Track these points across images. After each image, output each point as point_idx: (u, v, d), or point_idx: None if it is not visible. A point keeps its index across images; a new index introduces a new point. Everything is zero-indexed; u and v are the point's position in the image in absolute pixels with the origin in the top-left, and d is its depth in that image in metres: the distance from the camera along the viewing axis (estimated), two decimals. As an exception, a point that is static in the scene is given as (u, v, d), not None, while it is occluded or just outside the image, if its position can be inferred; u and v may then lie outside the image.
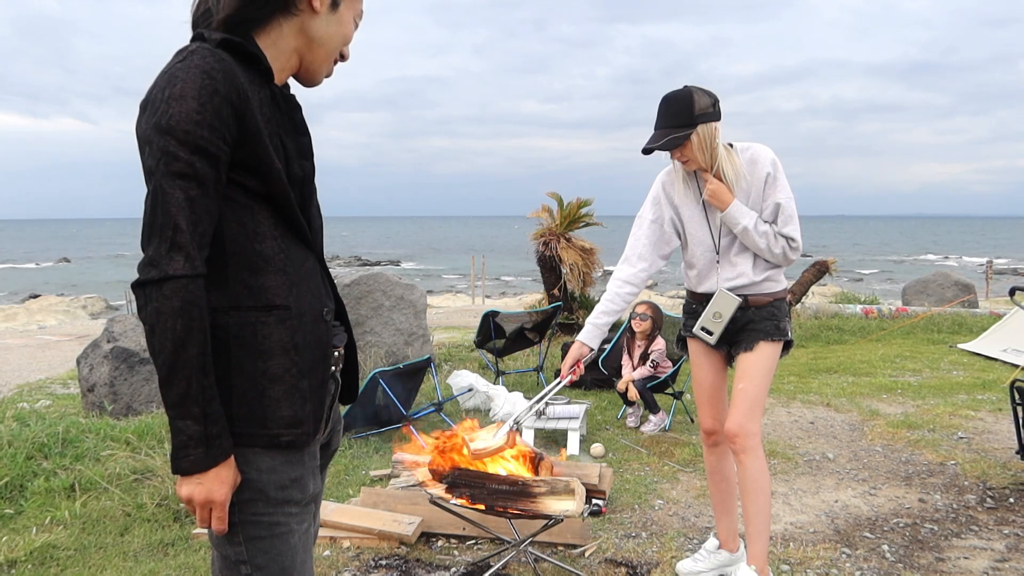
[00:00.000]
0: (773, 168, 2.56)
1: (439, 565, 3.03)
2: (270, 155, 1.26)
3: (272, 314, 1.28)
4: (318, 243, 1.41)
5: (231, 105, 1.20)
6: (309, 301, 1.33)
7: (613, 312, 2.73)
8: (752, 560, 2.63)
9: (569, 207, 8.77)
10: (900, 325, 9.52)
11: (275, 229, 1.30)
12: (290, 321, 1.29)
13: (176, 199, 1.17)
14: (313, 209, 1.41)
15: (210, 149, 1.19)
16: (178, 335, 1.17)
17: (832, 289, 16.21)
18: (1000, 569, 2.98)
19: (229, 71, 1.21)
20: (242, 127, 1.23)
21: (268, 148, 1.25)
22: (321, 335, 1.35)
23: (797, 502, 3.75)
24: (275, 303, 1.28)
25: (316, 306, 1.35)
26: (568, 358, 2.70)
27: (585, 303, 8.70)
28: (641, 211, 2.77)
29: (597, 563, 3.04)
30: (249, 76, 1.27)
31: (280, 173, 1.27)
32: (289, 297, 1.30)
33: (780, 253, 2.57)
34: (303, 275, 1.33)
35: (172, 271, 1.16)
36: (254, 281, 1.27)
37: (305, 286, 1.33)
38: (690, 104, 2.46)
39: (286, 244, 1.31)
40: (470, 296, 20.52)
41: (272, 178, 1.27)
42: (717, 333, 2.64)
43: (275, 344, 1.28)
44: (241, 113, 1.22)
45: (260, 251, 1.28)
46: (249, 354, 1.26)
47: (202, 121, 1.18)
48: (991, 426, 5.02)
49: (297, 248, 1.33)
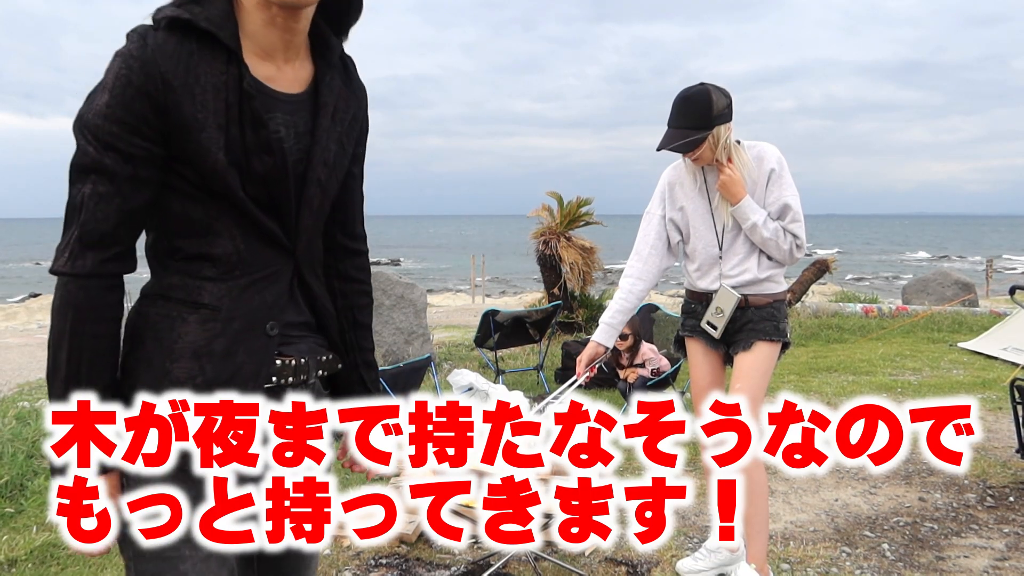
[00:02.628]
0: (778, 166, 2.56)
1: (439, 564, 3.03)
2: (204, 149, 1.13)
3: (197, 312, 1.17)
4: (301, 249, 1.27)
5: (147, 97, 1.10)
6: (251, 308, 1.20)
7: (627, 310, 2.73)
8: (752, 559, 2.63)
9: (569, 206, 8.77)
10: (900, 324, 9.52)
11: (235, 228, 1.18)
12: (212, 324, 1.17)
13: (79, 196, 1.11)
14: (299, 210, 1.25)
15: (119, 145, 1.10)
16: (54, 335, 1.12)
17: (832, 288, 16.22)
18: (1000, 568, 2.98)
19: (149, 59, 1.10)
20: (164, 119, 1.11)
21: (201, 142, 1.13)
22: (254, 349, 1.20)
23: (797, 501, 3.75)
24: (202, 301, 1.18)
25: (258, 316, 1.21)
26: (584, 357, 2.70)
27: (585, 302, 8.70)
28: (649, 207, 2.77)
29: (597, 562, 3.04)
30: (201, 58, 1.14)
31: (220, 168, 1.14)
32: (224, 299, 1.18)
33: (787, 250, 2.57)
34: (257, 280, 1.21)
35: (58, 267, 1.12)
36: (193, 274, 1.18)
37: (254, 292, 1.20)
38: (708, 106, 2.45)
39: (247, 244, 1.19)
40: (470, 295, 20.53)
41: (208, 173, 1.14)
42: (721, 327, 2.64)
43: (187, 345, 1.16)
44: (161, 105, 1.10)
45: (209, 245, 1.18)
46: (160, 350, 1.17)
47: (111, 115, 1.10)
48: (991, 425, 5.01)
49: (263, 250, 1.21)
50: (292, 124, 1.22)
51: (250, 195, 1.18)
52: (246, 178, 1.17)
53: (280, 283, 1.24)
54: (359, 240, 1.48)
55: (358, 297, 1.46)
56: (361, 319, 1.47)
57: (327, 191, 1.29)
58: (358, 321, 1.46)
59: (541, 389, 6.34)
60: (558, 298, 8.39)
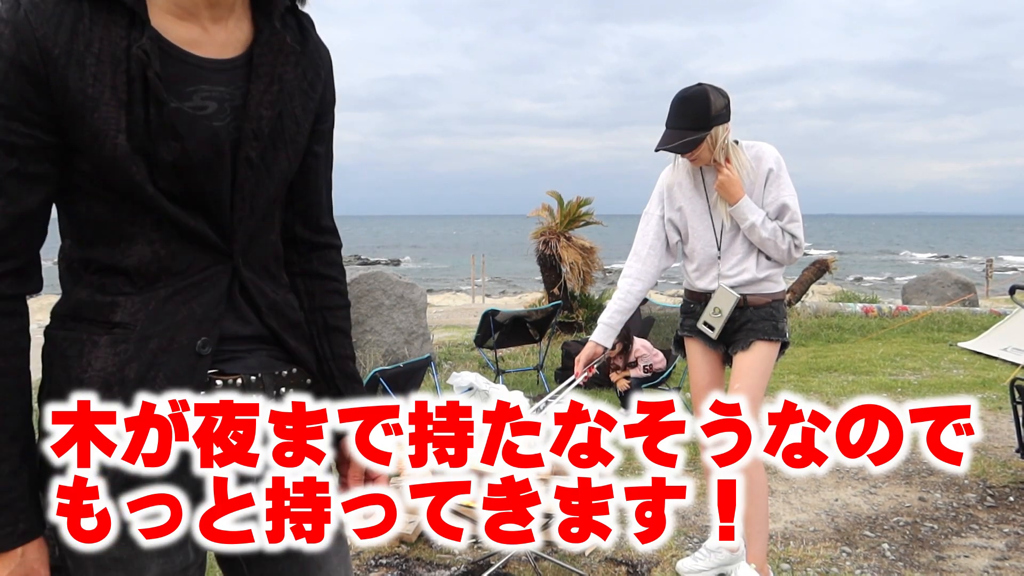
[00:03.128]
0: (776, 166, 2.56)
1: (439, 564, 3.04)
2: (99, 132, 0.92)
3: (110, 334, 0.98)
4: (240, 247, 1.06)
5: (22, 70, 0.89)
6: (172, 324, 1.00)
7: (626, 311, 2.73)
8: (752, 559, 2.63)
9: (569, 206, 8.78)
10: (900, 324, 9.52)
11: (152, 230, 0.98)
12: (124, 346, 0.97)
13: None
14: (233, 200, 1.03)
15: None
16: None
17: (832, 287, 16.22)
18: (1000, 567, 2.98)
19: (21, 22, 0.89)
20: (49, 99, 0.91)
21: (94, 123, 0.92)
22: (177, 371, 1.00)
23: (797, 501, 3.75)
24: (115, 319, 0.98)
25: (183, 332, 1.00)
26: (582, 357, 2.70)
27: (585, 302, 8.70)
28: (648, 207, 2.78)
29: (597, 562, 3.04)
30: (95, 19, 0.92)
31: (120, 156, 0.93)
32: (139, 314, 0.98)
33: (786, 250, 2.58)
34: (181, 289, 1.01)
35: None
36: (106, 289, 0.99)
37: (178, 303, 1.00)
38: (707, 107, 2.46)
39: (169, 249, 1.00)
40: (470, 295, 20.53)
41: (106, 163, 0.94)
42: (718, 328, 2.65)
43: (96, 374, 0.97)
44: (42, 79, 0.90)
45: (123, 253, 0.99)
46: (69, 381, 0.98)
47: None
48: (991, 424, 5.01)
49: (190, 254, 1.02)
50: (226, 97, 1.01)
51: (162, 189, 0.97)
52: (155, 168, 0.96)
53: (214, 290, 1.04)
54: (326, 233, 1.26)
55: (328, 297, 1.26)
56: (334, 322, 1.25)
57: (267, 173, 1.06)
58: (331, 325, 1.25)
59: (541, 389, 6.34)
60: (558, 298, 8.39)
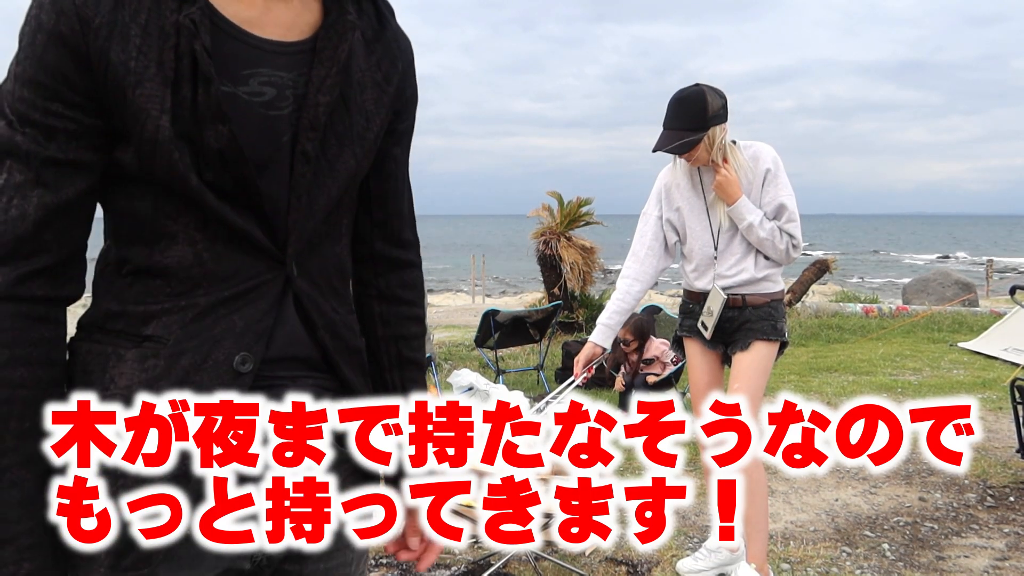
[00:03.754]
0: (774, 166, 2.56)
1: (439, 564, 3.04)
2: (140, 111, 0.81)
3: (139, 347, 0.86)
4: (295, 254, 0.92)
5: (61, 42, 0.78)
6: (209, 337, 0.87)
7: (624, 311, 2.74)
8: (752, 559, 2.63)
9: (569, 206, 8.79)
10: (900, 324, 9.53)
11: (196, 228, 0.86)
12: (154, 361, 0.86)
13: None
14: (290, 199, 0.90)
15: (32, 115, 0.79)
16: None
17: (832, 288, 16.23)
18: (1000, 568, 2.98)
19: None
20: (90, 75, 0.80)
21: (136, 101, 0.80)
22: (210, 391, 0.88)
23: (797, 500, 3.75)
24: (146, 332, 0.86)
25: (221, 347, 0.88)
26: (581, 358, 2.70)
27: (585, 302, 8.71)
28: (646, 208, 2.78)
29: (597, 562, 3.04)
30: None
31: (163, 139, 0.82)
32: (174, 326, 0.86)
33: (784, 250, 2.58)
34: (226, 299, 0.88)
35: None
36: (139, 296, 0.87)
37: (219, 315, 0.88)
38: (704, 107, 2.46)
39: (212, 251, 0.87)
40: (470, 295, 20.53)
41: (147, 147, 0.82)
42: (710, 328, 2.65)
43: (118, 393, 0.85)
44: (82, 53, 0.79)
45: (161, 253, 0.87)
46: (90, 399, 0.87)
47: (22, 75, 0.80)
48: (991, 425, 5.02)
49: (237, 259, 0.89)
50: (288, 84, 0.89)
51: (208, 182, 0.85)
52: (201, 157, 0.84)
53: (261, 302, 0.91)
54: (407, 248, 1.12)
55: (405, 325, 1.11)
56: (409, 354, 1.12)
57: (329, 171, 0.93)
58: (405, 357, 1.11)
59: (541, 389, 6.34)
60: (558, 298, 8.39)
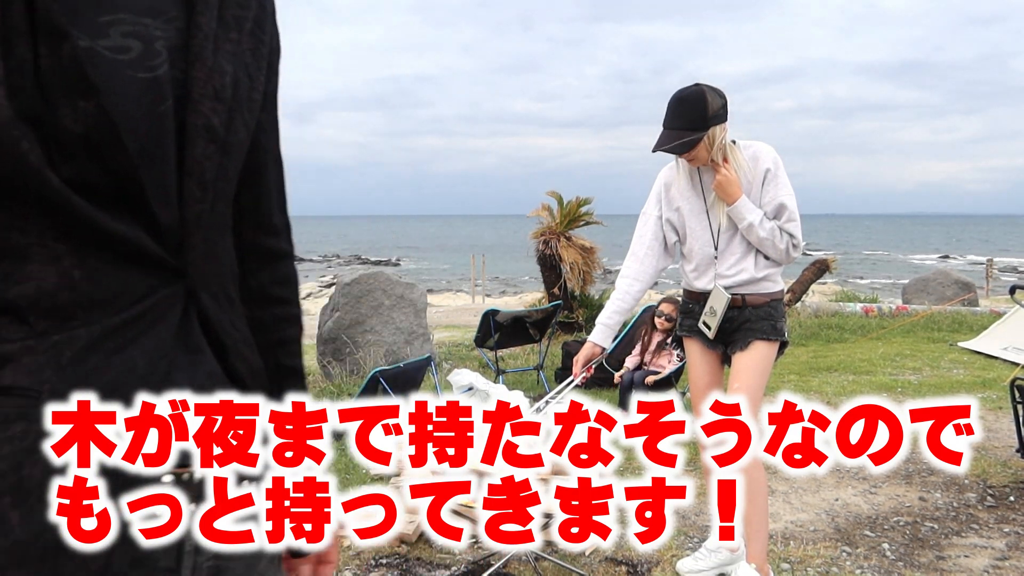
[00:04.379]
0: (774, 166, 2.56)
1: (439, 564, 3.04)
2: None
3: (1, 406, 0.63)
4: (197, 260, 0.71)
5: None
6: (104, 384, 0.66)
7: (624, 311, 2.73)
8: (752, 558, 2.63)
9: (569, 206, 8.78)
10: (900, 324, 9.52)
11: (61, 240, 0.64)
12: (21, 426, 0.63)
13: None
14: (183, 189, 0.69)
15: None
16: None
17: (832, 287, 16.23)
18: (1000, 567, 2.98)
19: None
20: None
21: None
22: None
23: (797, 500, 3.75)
24: (4, 382, 0.63)
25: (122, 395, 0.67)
26: (580, 357, 2.70)
27: (585, 302, 8.70)
28: (646, 207, 2.78)
29: (597, 562, 3.04)
30: None
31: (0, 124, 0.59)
32: (45, 371, 0.63)
33: (784, 249, 2.58)
34: (115, 329, 0.65)
35: None
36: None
37: (110, 351, 0.65)
38: (703, 107, 2.45)
39: (90, 269, 0.65)
40: (470, 295, 20.54)
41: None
42: (713, 327, 2.65)
43: None
44: None
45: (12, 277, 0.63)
46: None
47: None
48: (991, 424, 5.02)
49: (120, 274, 0.66)
50: (156, 35, 0.66)
51: (70, 179, 0.62)
52: (56, 145, 0.61)
53: (163, 328, 0.69)
54: (278, 235, 0.89)
55: (282, 328, 0.91)
56: (288, 361, 0.92)
57: (230, 147, 0.73)
58: (284, 366, 0.92)
59: (541, 389, 6.34)
60: (558, 298, 8.39)
